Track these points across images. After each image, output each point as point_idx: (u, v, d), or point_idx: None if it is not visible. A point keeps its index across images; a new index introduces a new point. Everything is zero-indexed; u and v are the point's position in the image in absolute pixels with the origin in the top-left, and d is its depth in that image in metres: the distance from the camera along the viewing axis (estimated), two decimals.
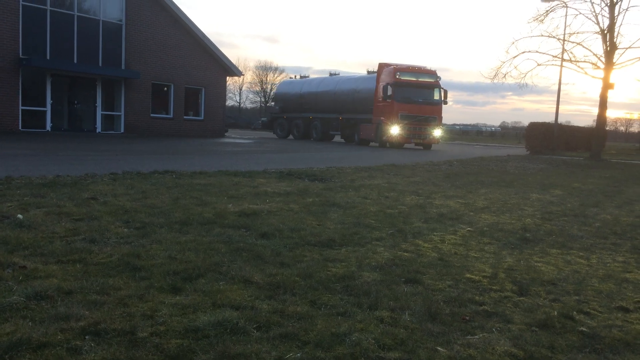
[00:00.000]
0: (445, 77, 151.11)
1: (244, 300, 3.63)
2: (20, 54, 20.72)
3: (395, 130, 26.85)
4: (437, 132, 27.88)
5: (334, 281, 4.17)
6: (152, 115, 26.19)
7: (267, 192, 8.53)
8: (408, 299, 3.84)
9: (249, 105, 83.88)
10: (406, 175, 12.68)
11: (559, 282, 4.59)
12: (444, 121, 30.61)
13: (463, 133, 75.47)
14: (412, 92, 27.43)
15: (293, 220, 6.36)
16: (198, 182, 9.14)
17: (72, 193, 7.16)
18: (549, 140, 29.58)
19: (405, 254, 5.19)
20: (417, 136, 27.40)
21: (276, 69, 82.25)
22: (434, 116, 27.64)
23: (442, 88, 28.04)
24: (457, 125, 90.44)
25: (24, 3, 20.74)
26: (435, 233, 6.22)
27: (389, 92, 27.02)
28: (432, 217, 7.26)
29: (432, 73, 28.31)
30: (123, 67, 24.64)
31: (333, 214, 6.97)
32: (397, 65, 28.19)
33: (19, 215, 5.57)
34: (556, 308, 3.90)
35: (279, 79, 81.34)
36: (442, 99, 28.01)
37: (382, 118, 27.57)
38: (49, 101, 22.19)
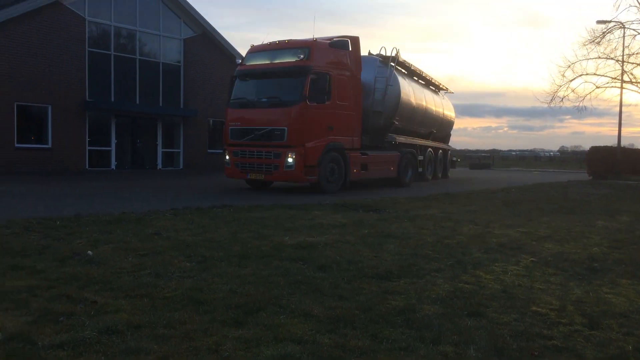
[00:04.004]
0: (499, 102, 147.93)
1: (305, 334, 3.64)
2: (87, 97, 21.98)
3: (227, 156, 15.61)
4: (290, 159, 14.21)
5: (394, 314, 4.12)
6: (209, 151, 26.99)
7: (323, 224, 8.58)
8: (472, 333, 3.74)
9: None
10: (462, 204, 12.45)
11: (632, 314, 4.36)
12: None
13: (520, 159, 73.40)
14: (254, 86, 15.70)
15: (350, 252, 6.36)
16: (255, 215, 9.32)
17: (137, 229, 7.46)
18: (612, 165, 28.36)
19: (467, 285, 5.08)
20: (251, 166, 14.87)
21: None
22: (281, 127, 14.27)
23: (316, 71, 14.47)
24: (514, 151, 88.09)
25: (90, 49, 22.09)
26: (496, 264, 6.06)
27: (229, 91, 15.99)
28: (492, 247, 7.08)
29: (299, 46, 14.89)
30: (182, 106, 25.65)
31: (389, 245, 6.92)
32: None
33: (89, 252, 5.85)
34: (630, 342, 3.71)
35: None
36: (309, 92, 14.28)
37: None
38: (113, 141, 23.31)
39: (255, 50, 15.84)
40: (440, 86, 24.38)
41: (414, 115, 19.67)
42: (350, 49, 15.89)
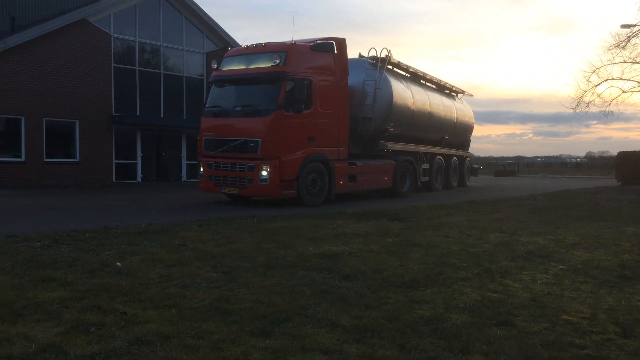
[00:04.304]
0: (524, 109, 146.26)
1: (332, 344, 3.64)
2: (113, 111, 22.42)
3: (201, 168, 14.65)
4: (265, 172, 13.13)
5: (421, 324, 4.09)
6: None
7: (347, 233, 8.57)
8: (502, 343, 3.69)
9: None
10: (487, 212, 12.31)
11: None
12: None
13: (546, 165, 72.28)
14: (229, 94, 14.64)
15: (374, 261, 6.34)
16: (278, 225, 9.35)
17: (164, 240, 7.55)
18: None
19: (494, 294, 5.01)
20: (225, 179, 13.81)
21: None
22: (254, 139, 13.26)
23: (293, 77, 13.40)
24: (539, 157, 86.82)
25: (115, 65, 22.55)
26: (524, 272, 5.96)
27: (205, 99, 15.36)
28: (519, 255, 6.97)
29: (275, 50, 13.71)
30: None
31: (414, 254, 6.88)
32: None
33: (118, 263, 5.94)
34: None
35: None
36: (285, 100, 13.22)
37: None
38: (139, 154, 23.68)
39: (232, 55, 14.99)
40: (454, 89, 22.95)
41: (415, 120, 18.43)
42: (335, 52, 14.64)
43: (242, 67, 14.21)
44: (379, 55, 16.98)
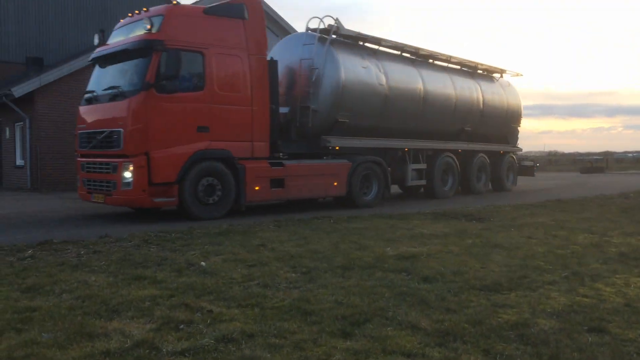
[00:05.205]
0: (611, 101, 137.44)
1: (414, 347, 3.61)
2: None
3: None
4: (128, 174, 9.99)
5: (506, 329, 3.97)
6: None
7: (424, 234, 8.45)
8: (594, 350, 3.51)
9: None
10: (575, 212, 11.71)
11: None
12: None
13: (638, 161, 67.40)
14: (105, 74, 11.47)
15: (454, 263, 6.21)
16: (354, 226, 9.37)
17: (244, 240, 7.78)
18: None
19: (585, 299, 4.76)
20: (94, 184, 10.93)
21: None
22: (117, 129, 10.24)
23: (169, 46, 10.08)
24: (630, 152, 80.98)
25: None
26: (617, 275, 5.63)
27: None
28: (611, 257, 6.58)
29: (151, 15, 10.51)
30: None
31: (496, 256, 6.67)
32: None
33: (202, 263, 6.19)
34: None
35: None
36: (157, 77, 10.06)
37: None
38: None
39: (118, 27, 11.74)
40: (480, 67, 17.99)
41: (393, 108, 14.17)
42: (246, 18, 11.24)
43: (122, 39, 11.19)
44: (319, 27, 13.11)
